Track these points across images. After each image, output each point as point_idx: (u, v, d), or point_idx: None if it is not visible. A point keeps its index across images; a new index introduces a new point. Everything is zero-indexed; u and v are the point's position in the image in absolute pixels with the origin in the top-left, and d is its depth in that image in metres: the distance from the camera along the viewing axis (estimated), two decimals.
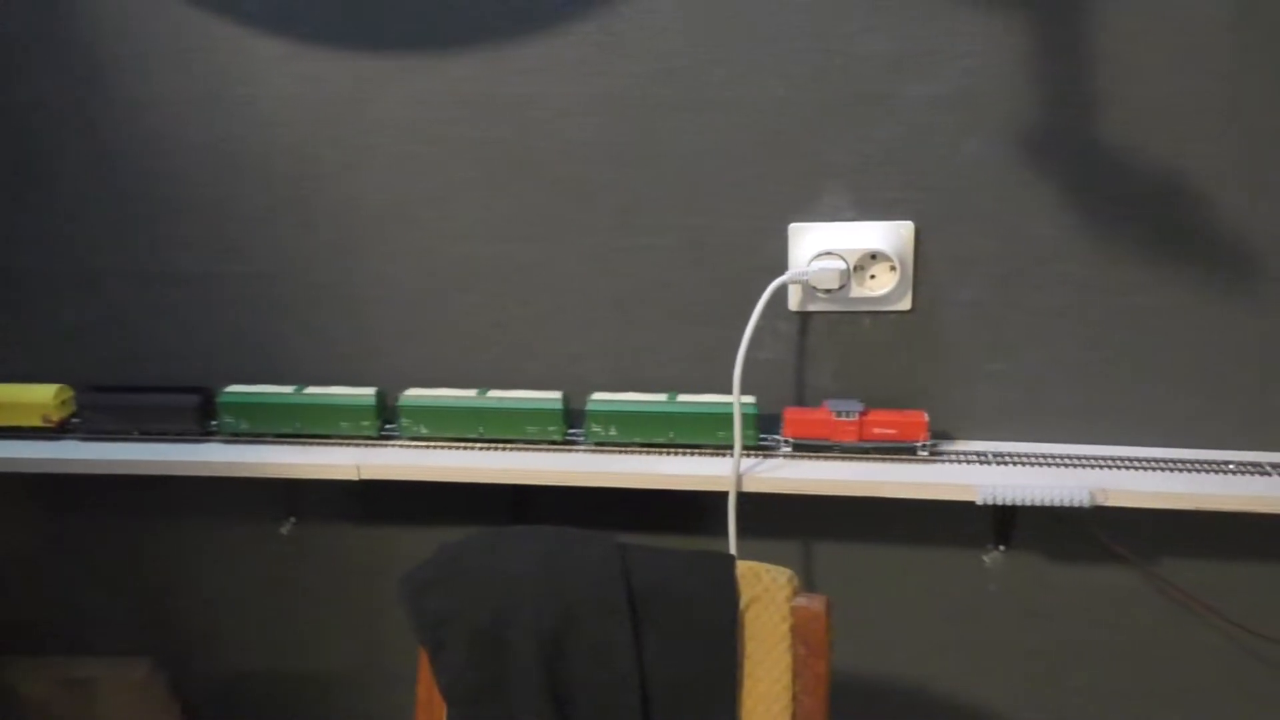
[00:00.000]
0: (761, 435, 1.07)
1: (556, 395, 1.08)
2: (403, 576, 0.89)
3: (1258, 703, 1.11)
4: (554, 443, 1.09)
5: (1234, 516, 0.97)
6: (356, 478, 1.07)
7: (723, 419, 1.04)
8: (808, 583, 1.14)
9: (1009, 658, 1.14)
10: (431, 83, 1.05)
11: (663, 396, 1.07)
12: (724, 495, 1.03)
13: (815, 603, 0.82)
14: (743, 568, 0.84)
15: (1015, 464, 1.02)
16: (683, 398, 1.07)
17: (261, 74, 1.07)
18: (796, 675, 0.83)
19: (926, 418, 1.03)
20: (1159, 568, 1.08)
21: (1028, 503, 0.97)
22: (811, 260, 1.03)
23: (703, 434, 1.05)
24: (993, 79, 0.98)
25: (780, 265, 1.05)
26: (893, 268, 1.03)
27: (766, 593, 0.83)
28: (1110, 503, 0.97)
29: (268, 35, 1.05)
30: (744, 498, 1.03)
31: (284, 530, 1.22)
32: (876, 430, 1.03)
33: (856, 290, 1.04)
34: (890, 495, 1.00)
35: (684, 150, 1.04)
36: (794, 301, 1.06)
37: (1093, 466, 1.01)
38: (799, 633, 0.82)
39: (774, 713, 0.82)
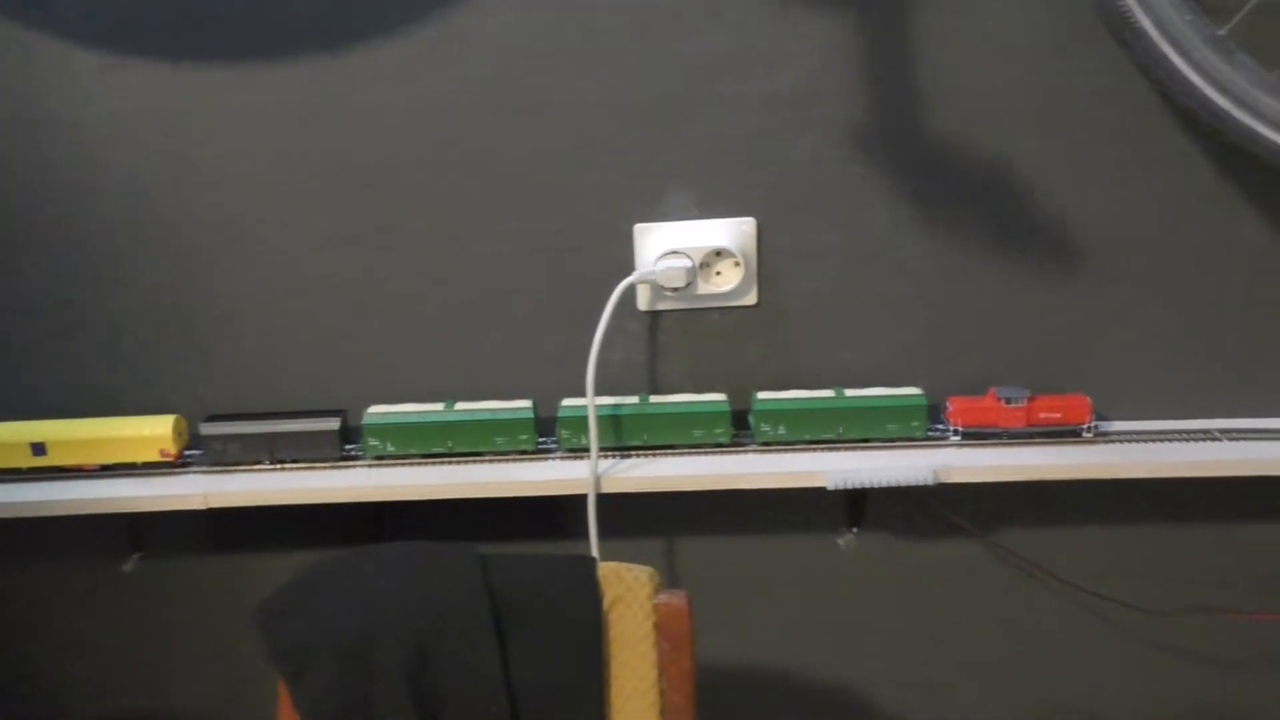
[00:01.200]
0: (931, 426, 1.07)
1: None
2: (258, 604, 0.86)
3: (1094, 652, 1.18)
4: (409, 458, 1.07)
5: (1059, 484, 1.02)
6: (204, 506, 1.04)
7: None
8: (670, 579, 1.16)
9: (867, 635, 1.18)
10: (263, 94, 1.01)
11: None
12: (586, 498, 1.03)
13: (677, 599, 0.83)
14: (604, 569, 0.85)
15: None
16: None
17: (84, 89, 1.01)
18: (662, 671, 0.84)
19: (1090, 401, 1.04)
20: (998, 537, 1.14)
21: (877, 485, 1.01)
22: (658, 260, 1.04)
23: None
24: (827, 79, 1.01)
25: (628, 266, 1.06)
26: (737, 264, 1.05)
27: (629, 592, 0.84)
28: (952, 479, 1.01)
29: (89, 48, 1.00)
30: (603, 499, 1.03)
31: (127, 568, 1.17)
32: (1043, 415, 1.04)
33: (703, 287, 1.06)
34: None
35: (528, 154, 1.03)
36: (643, 301, 1.07)
37: (934, 446, 1.05)
38: (662, 629, 0.83)
39: (641, 710, 0.83)
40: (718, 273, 1.06)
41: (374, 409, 1.07)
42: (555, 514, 1.11)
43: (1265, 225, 1.04)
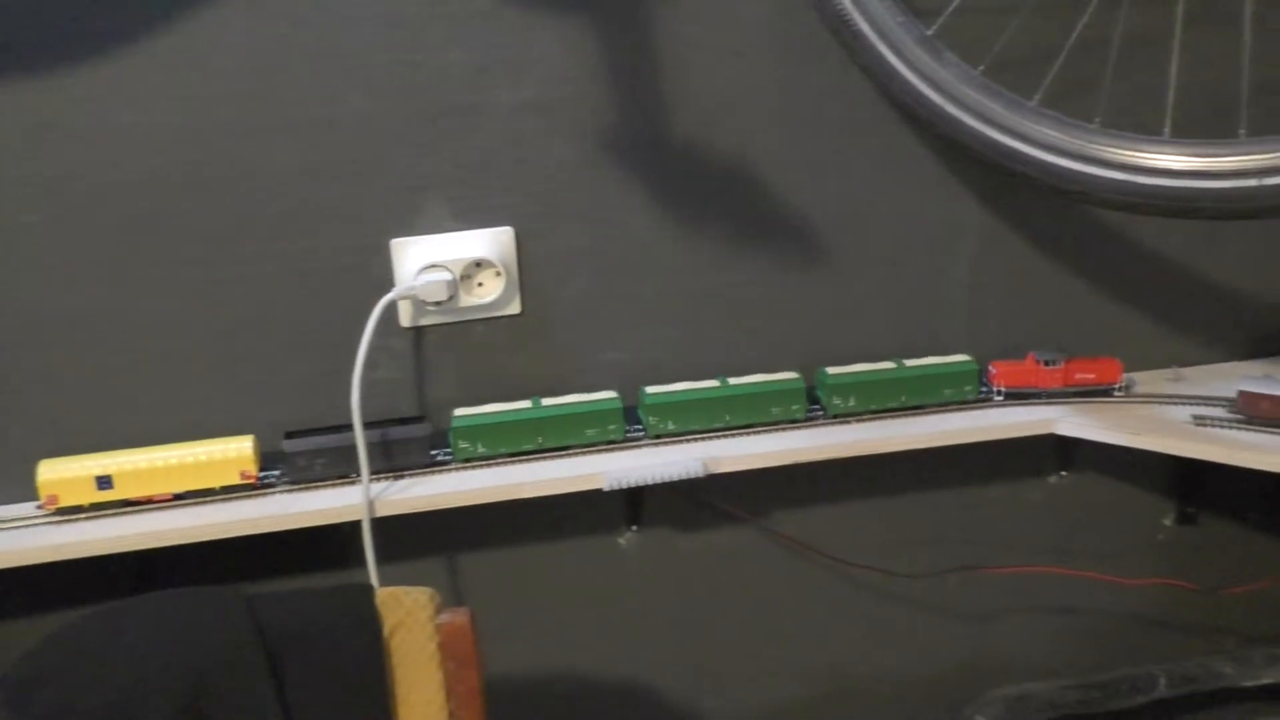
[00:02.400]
0: (981, 388, 1.14)
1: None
2: None
3: (863, 618, 1.25)
4: (243, 489, 1.01)
5: (820, 464, 1.07)
6: None
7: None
8: (454, 598, 1.14)
9: (653, 630, 1.21)
10: None
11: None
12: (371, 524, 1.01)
13: (459, 617, 0.82)
14: (383, 595, 0.83)
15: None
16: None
17: None
18: (450, 692, 0.83)
19: (1121, 363, 1.12)
20: (769, 520, 1.18)
21: (651, 482, 1.03)
22: (418, 274, 1.03)
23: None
24: (572, 85, 1.02)
25: (388, 283, 1.03)
26: (498, 274, 1.05)
27: (409, 616, 0.82)
28: (721, 469, 1.05)
29: None
30: (377, 523, 1.01)
31: None
32: (1078, 376, 1.12)
33: (466, 299, 1.05)
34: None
35: (276, 173, 0.99)
36: (405, 318, 1.05)
37: (703, 439, 1.09)
38: (447, 649, 0.82)
39: None
40: (480, 284, 1.05)
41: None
42: (328, 544, 1.08)
43: (986, 211, 1.13)
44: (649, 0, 1.01)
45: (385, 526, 1.01)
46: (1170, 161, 0.87)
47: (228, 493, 1.02)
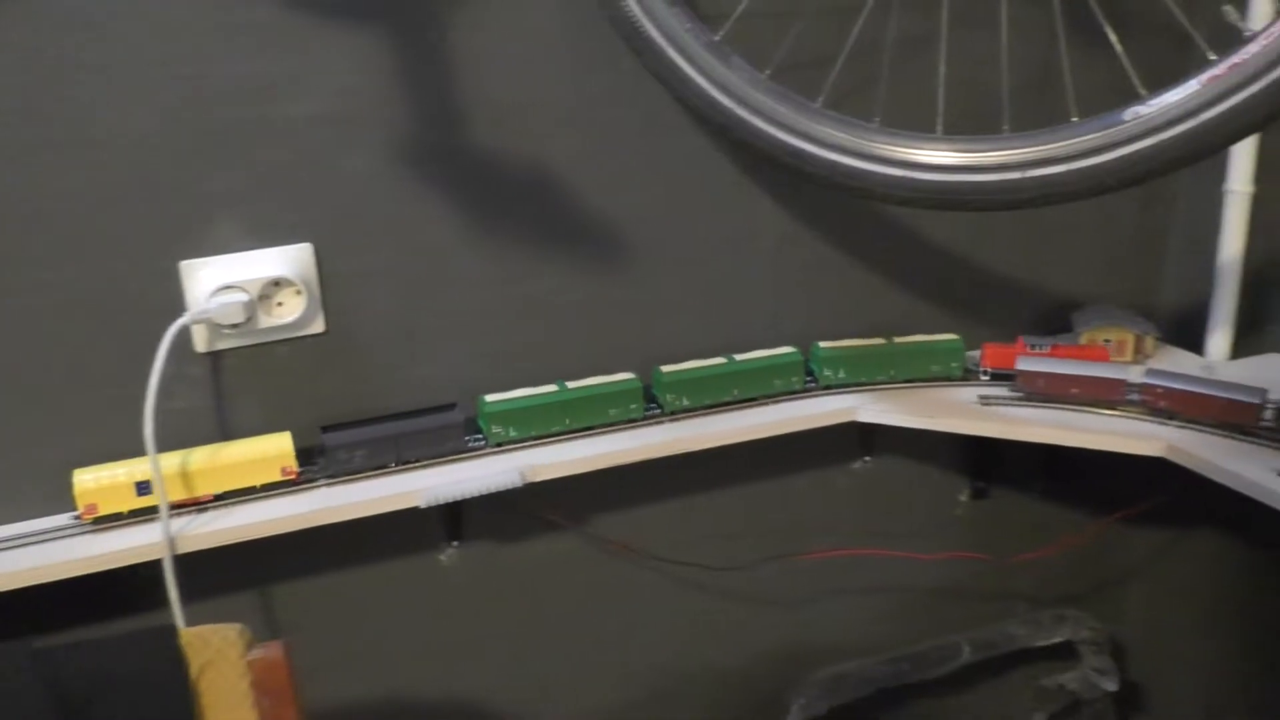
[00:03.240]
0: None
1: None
2: None
3: (687, 614, 1.27)
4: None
5: (637, 466, 1.09)
6: None
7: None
8: (271, 630, 1.10)
9: (480, 647, 1.19)
10: None
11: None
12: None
13: (272, 651, 0.79)
14: (188, 635, 0.79)
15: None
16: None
17: None
18: None
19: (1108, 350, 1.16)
20: (591, 525, 1.19)
21: (467, 496, 1.02)
22: (211, 296, 0.98)
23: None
24: (367, 96, 1.00)
25: (179, 307, 0.98)
26: (299, 292, 1.01)
27: (219, 654, 0.78)
28: (540, 478, 1.05)
29: None
30: (185, 560, 0.96)
31: None
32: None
33: (265, 320, 1.01)
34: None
35: (54, 195, 0.93)
36: (201, 343, 1.01)
37: (521, 447, 1.08)
38: (261, 686, 0.79)
39: None
40: (279, 303, 1.02)
41: None
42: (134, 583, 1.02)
43: (781, 211, 1.17)
44: (439, 9, 1.01)
45: (194, 562, 0.96)
46: (942, 157, 0.93)
47: (269, 490, 1.01)
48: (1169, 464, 1.04)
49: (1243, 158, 1.19)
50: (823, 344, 1.18)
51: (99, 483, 0.96)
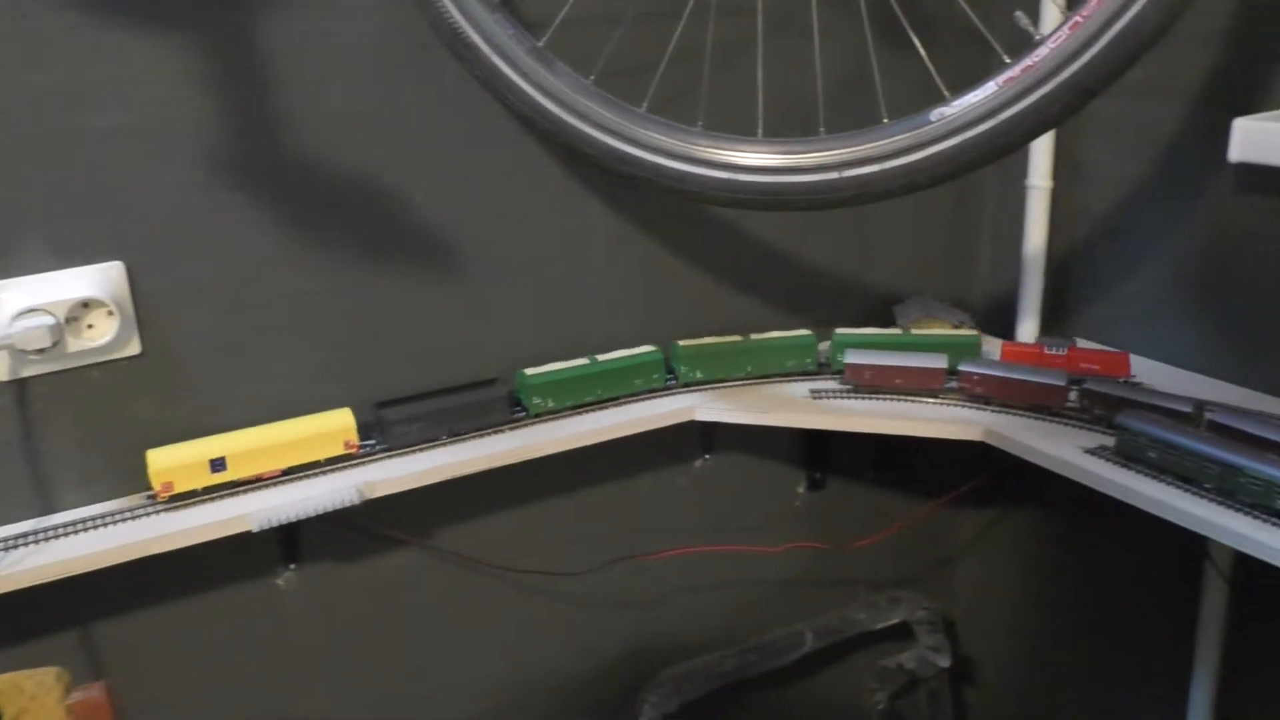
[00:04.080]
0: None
1: None
2: None
3: (535, 622, 1.27)
4: None
5: (480, 476, 1.08)
6: None
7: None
8: (95, 670, 1.04)
9: (326, 669, 1.16)
10: None
11: None
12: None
13: (93, 693, 0.75)
14: (1, 684, 0.74)
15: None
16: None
17: None
18: None
19: (1130, 357, 1.14)
20: (434, 540, 1.17)
21: (304, 516, 0.99)
22: (14, 321, 0.92)
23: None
24: (180, 106, 0.96)
25: None
26: (110, 313, 0.96)
27: (34, 701, 0.74)
28: (377, 494, 1.02)
29: None
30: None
31: None
32: (1083, 365, 1.13)
33: (75, 344, 0.96)
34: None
35: None
36: (3, 370, 0.95)
37: (359, 465, 1.06)
38: None
39: None
40: (90, 325, 0.97)
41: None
42: None
43: (612, 214, 1.18)
44: (255, 16, 0.97)
45: (7, 604, 0.90)
46: (764, 159, 0.95)
47: (333, 464, 1.05)
48: (988, 447, 1.10)
49: (1041, 155, 1.27)
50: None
51: (174, 461, 0.98)
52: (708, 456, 1.32)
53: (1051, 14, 1.17)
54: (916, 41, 0.94)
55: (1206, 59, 1.12)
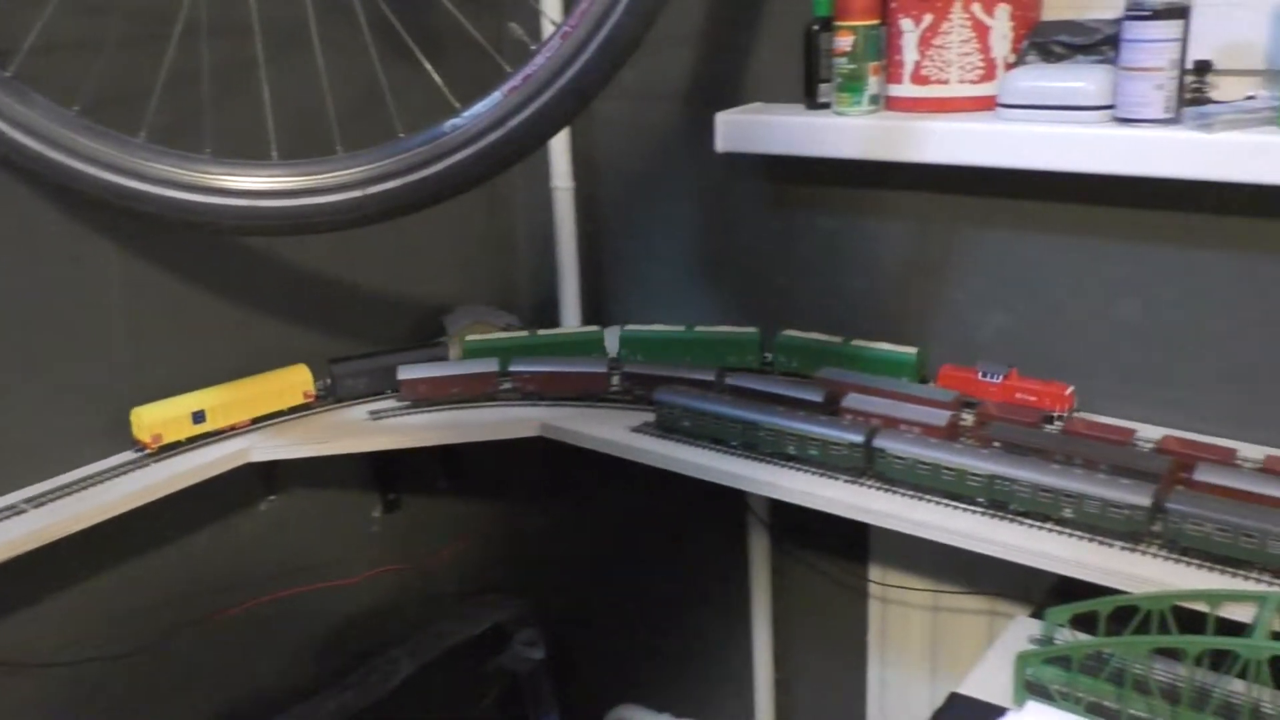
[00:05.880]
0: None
1: None
2: None
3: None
4: None
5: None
6: None
7: None
8: None
9: None
10: None
11: None
12: None
13: None
14: None
15: None
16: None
17: None
18: None
19: (1070, 390, 1.04)
20: None
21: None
22: None
23: None
24: None
25: None
26: None
27: None
28: None
29: None
30: None
31: None
32: (1018, 395, 1.05)
33: None
34: None
35: None
36: None
37: None
38: None
39: None
40: None
41: None
42: None
43: (130, 257, 1.08)
44: None
45: None
46: (282, 183, 0.92)
47: (295, 412, 1.17)
48: (549, 440, 1.14)
49: (561, 157, 1.34)
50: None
51: (160, 415, 1.08)
52: (273, 498, 1.26)
53: (548, 25, 1.24)
54: (420, 54, 0.96)
55: (690, 61, 1.25)
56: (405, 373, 1.17)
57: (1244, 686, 0.70)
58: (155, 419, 1.07)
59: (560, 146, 1.34)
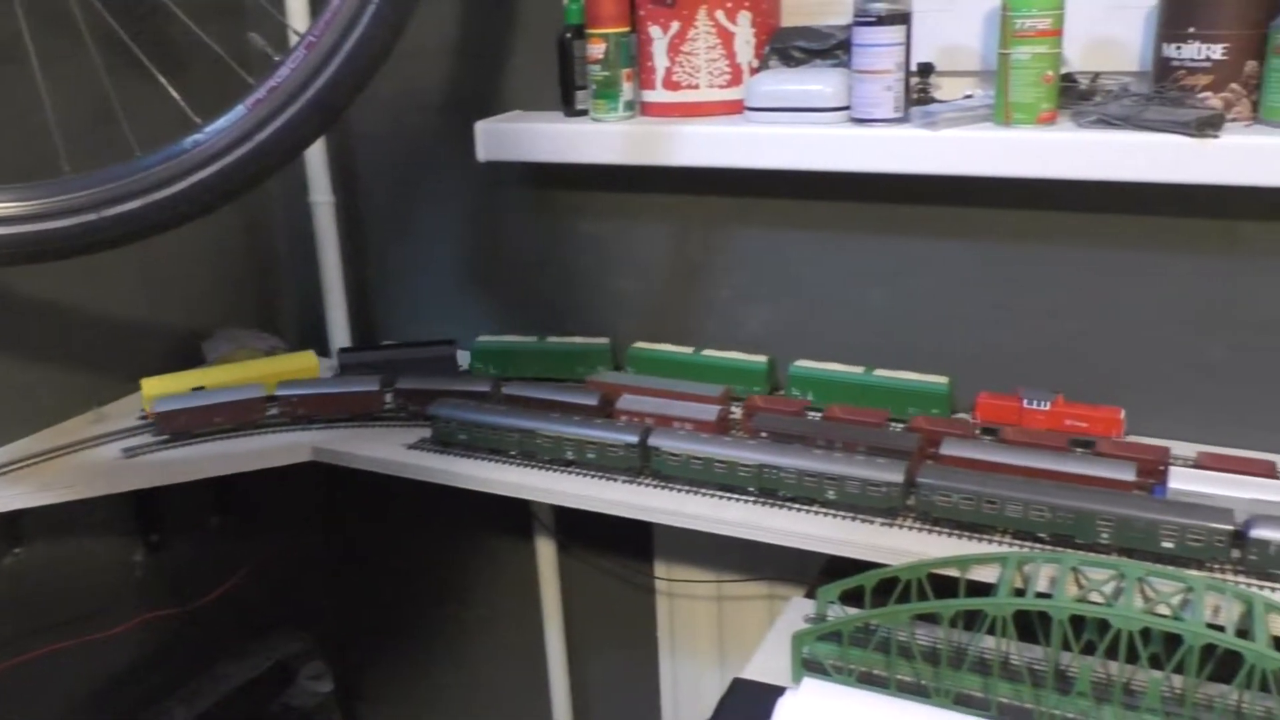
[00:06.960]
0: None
1: None
2: None
3: None
4: None
5: None
6: None
7: None
8: None
9: None
10: None
11: None
12: None
13: None
14: None
15: None
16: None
17: None
18: None
19: (1123, 414, 0.99)
20: None
21: None
22: None
23: None
24: None
25: None
26: None
27: None
28: None
29: None
30: None
31: None
32: (1068, 422, 0.99)
33: None
34: None
35: None
36: None
37: None
38: None
39: None
40: None
41: None
42: None
43: None
44: None
45: None
46: (4, 210, 0.85)
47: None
48: (322, 465, 1.11)
49: (319, 171, 1.30)
50: None
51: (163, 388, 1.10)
52: (18, 551, 1.15)
53: (293, 35, 1.20)
54: (152, 67, 0.90)
55: (448, 70, 1.23)
56: (161, 405, 1.10)
57: (994, 642, 0.75)
58: (160, 390, 1.10)
59: (318, 159, 1.29)
